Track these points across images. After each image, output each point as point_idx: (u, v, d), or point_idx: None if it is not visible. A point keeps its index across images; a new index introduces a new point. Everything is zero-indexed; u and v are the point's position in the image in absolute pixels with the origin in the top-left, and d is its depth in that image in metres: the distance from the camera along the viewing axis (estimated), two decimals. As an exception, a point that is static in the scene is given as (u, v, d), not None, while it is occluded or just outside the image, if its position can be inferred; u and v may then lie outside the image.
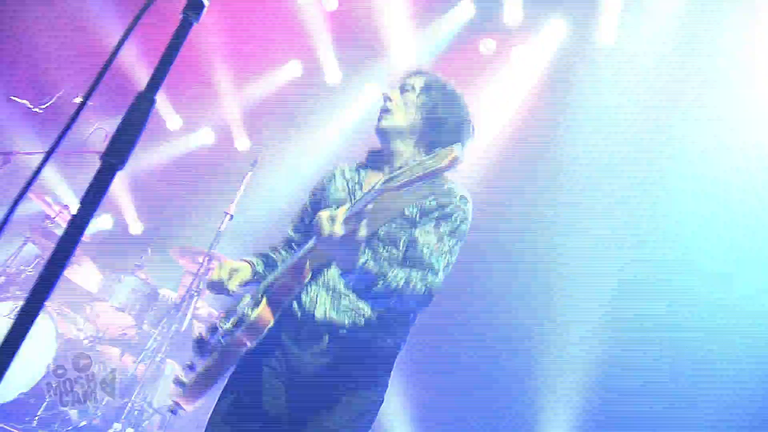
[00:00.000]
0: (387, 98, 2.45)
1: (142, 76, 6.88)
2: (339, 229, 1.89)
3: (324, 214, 1.92)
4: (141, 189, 7.86)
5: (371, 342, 2.26)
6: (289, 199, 7.13)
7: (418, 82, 2.48)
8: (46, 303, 4.46)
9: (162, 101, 7.74)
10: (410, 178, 1.81)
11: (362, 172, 2.49)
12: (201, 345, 2.35)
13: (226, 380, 2.35)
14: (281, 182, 7.14)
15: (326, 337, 2.23)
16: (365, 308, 2.24)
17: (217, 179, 7.23)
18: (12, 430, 4.33)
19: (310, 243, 2.09)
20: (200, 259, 5.19)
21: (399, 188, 1.83)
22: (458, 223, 2.26)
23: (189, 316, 5.12)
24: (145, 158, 7.72)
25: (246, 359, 2.27)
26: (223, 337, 2.25)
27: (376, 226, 2.18)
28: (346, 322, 2.23)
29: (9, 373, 3.98)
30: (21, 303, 4.38)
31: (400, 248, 2.24)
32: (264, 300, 2.19)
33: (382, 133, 2.44)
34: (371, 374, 2.29)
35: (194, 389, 2.30)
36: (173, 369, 5.65)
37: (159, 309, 5.46)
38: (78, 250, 5.42)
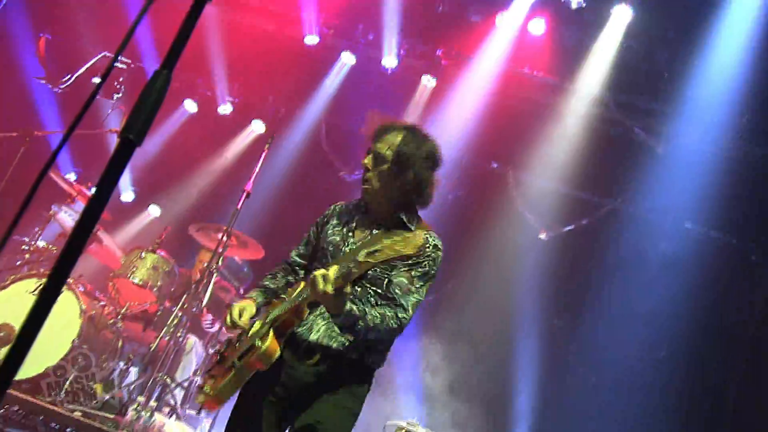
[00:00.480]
0: (366, 169, 2.85)
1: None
2: (330, 289, 2.43)
3: (318, 273, 2.46)
4: (163, 169, 7.95)
5: (356, 360, 2.79)
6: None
7: (391, 148, 2.81)
8: (70, 280, 4.56)
9: (178, 83, 7.80)
10: (385, 258, 2.42)
11: (356, 218, 2.94)
12: (222, 360, 2.87)
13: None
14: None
15: (318, 355, 2.76)
16: (350, 336, 2.76)
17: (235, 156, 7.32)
18: (39, 402, 4.45)
19: (307, 291, 2.61)
20: (219, 236, 5.26)
21: (375, 264, 2.45)
22: (427, 268, 2.76)
23: (209, 292, 5.20)
24: (160, 137, 7.81)
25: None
26: (239, 359, 2.73)
27: (364, 272, 2.59)
28: (335, 345, 2.76)
29: (36, 348, 4.06)
30: (44, 280, 4.48)
31: (382, 289, 2.75)
32: (271, 333, 2.66)
33: (365, 196, 2.92)
34: (354, 383, 2.83)
35: (215, 398, 2.77)
36: (194, 344, 5.76)
37: (179, 285, 5.56)
38: (100, 229, 5.51)
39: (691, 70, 6.17)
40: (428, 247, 2.76)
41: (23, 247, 5.28)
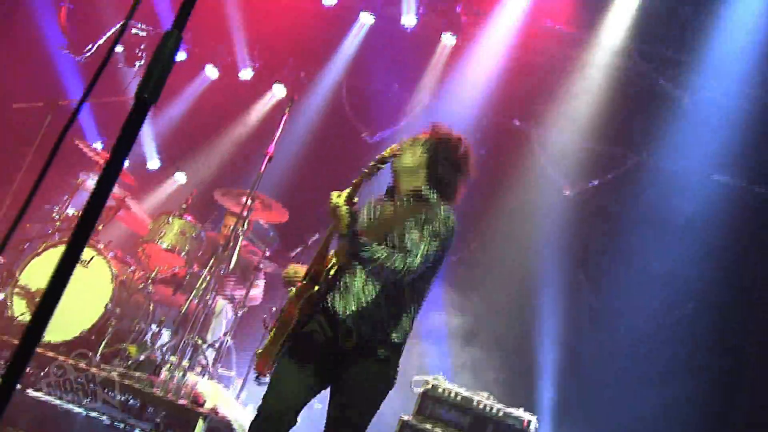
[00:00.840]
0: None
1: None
2: (341, 201, 2.77)
3: (334, 193, 2.82)
4: (187, 136, 8.03)
5: (384, 339, 3.03)
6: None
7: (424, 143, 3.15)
8: (101, 246, 4.65)
9: (199, 49, 7.83)
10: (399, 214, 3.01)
11: (384, 202, 3.22)
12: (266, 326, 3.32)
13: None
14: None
15: (355, 335, 3.00)
16: (377, 311, 3.01)
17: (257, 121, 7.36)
18: (77, 364, 4.60)
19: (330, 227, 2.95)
20: (243, 200, 5.34)
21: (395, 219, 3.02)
22: (437, 226, 2.99)
23: (235, 255, 5.30)
24: (183, 104, 7.87)
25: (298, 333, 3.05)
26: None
27: (393, 228, 3.00)
28: (364, 329, 3.01)
29: (70, 313, 4.19)
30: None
31: (403, 240, 2.99)
32: (293, 291, 3.10)
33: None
34: (384, 364, 3.06)
35: (261, 357, 3.08)
36: (224, 307, 5.88)
37: (207, 249, 5.66)
38: (128, 196, 5.61)
39: (717, 21, 6.04)
40: (440, 212, 3.02)
41: (53, 215, 5.40)
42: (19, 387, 5.40)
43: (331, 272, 3.02)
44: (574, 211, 7.08)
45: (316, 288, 3.00)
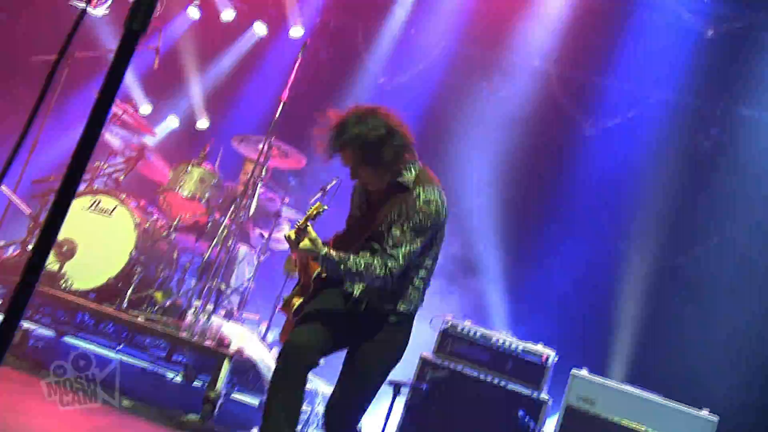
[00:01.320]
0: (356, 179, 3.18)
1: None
2: (292, 235, 2.98)
3: (289, 233, 3.01)
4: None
5: (391, 309, 3.15)
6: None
7: (352, 153, 3.02)
8: (122, 195, 4.75)
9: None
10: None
11: (366, 197, 3.28)
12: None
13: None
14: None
15: (364, 304, 3.15)
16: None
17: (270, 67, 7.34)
18: (105, 309, 4.75)
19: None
20: (260, 147, 5.38)
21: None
22: (418, 221, 3.02)
23: (254, 202, 5.37)
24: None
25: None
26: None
27: (372, 228, 3.08)
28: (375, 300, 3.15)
29: (97, 261, 4.31)
30: (98, 196, 4.67)
31: (382, 243, 3.06)
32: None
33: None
34: (393, 332, 3.20)
35: (286, 304, 3.27)
36: (246, 253, 5.99)
37: (226, 197, 5.74)
38: (146, 147, 5.69)
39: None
40: (419, 203, 3.03)
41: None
42: (54, 334, 5.61)
43: (323, 275, 3.17)
44: (598, 149, 6.99)
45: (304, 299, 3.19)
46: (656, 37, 6.70)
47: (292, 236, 2.99)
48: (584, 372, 4.73)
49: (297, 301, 3.21)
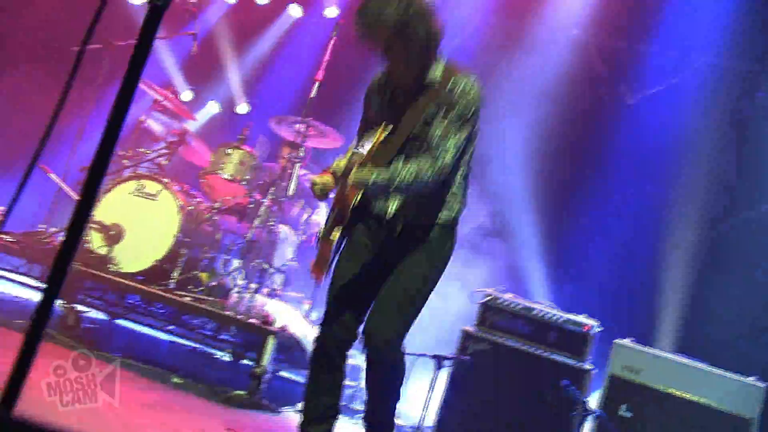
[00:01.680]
0: (383, 61, 2.89)
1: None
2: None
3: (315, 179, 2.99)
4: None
5: (428, 223, 2.98)
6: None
7: (384, 29, 2.74)
8: (165, 180, 4.87)
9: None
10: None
11: (388, 95, 3.01)
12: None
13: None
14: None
15: (400, 226, 2.98)
16: (421, 198, 2.92)
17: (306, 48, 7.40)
18: (153, 291, 4.90)
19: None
20: (297, 127, 5.45)
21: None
22: (460, 110, 2.80)
23: (294, 182, 5.44)
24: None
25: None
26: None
27: (408, 132, 2.84)
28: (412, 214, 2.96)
29: (144, 244, 4.44)
30: (143, 181, 4.78)
31: (427, 141, 2.84)
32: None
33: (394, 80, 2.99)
34: (432, 246, 3.00)
35: (315, 264, 3.06)
36: (286, 233, 6.08)
37: (266, 178, 5.84)
38: (187, 131, 5.80)
39: None
40: (458, 91, 2.82)
41: (120, 152, 5.65)
42: (107, 317, 5.80)
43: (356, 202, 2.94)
44: (640, 119, 6.87)
45: (342, 229, 2.97)
46: (698, -1, 6.53)
47: (323, 182, 2.94)
48: (627, 341, 4.69)
49: (336, 234, 2.98)
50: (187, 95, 8.04)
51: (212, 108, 8.29)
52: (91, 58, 5.74)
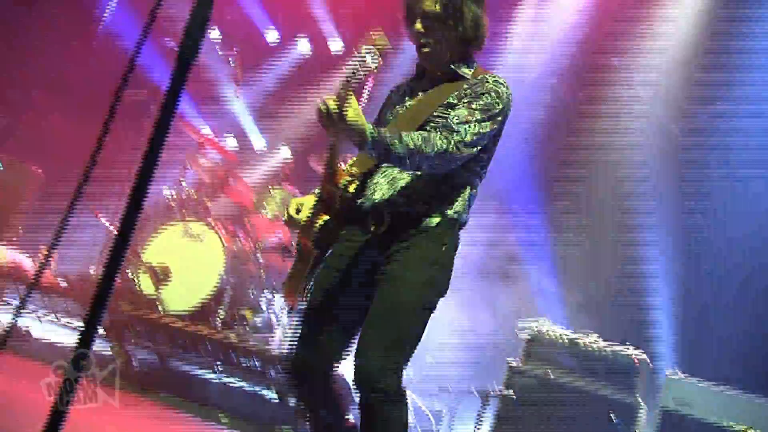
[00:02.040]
0: (419, 34, 2.61)
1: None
2: (348, 105, 2.20)
3: (328, 99, 2.23)
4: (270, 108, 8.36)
5: (425, 213, 2.53)
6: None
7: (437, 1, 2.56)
8: (212, 221, 4.97)
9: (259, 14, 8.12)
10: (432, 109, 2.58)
11: (412, 85, 2.77)
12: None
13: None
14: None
15: (387, 218, 2.53)
16: (418, 185, 2.53)
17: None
18: (199, 332, 4.97)
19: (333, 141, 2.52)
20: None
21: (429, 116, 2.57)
22: (489, 101, 2.51)
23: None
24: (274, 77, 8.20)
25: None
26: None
27: (429, 112, 2.54)
28: (401, 200, 2.54)
29: (190, 285, 4.51)
30: (188, 223, 4.88)
31: (447, 122, 2.50)
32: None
33: (427, 61, 2.72)
34: (430, 245, 2.52)
35: (287, 288, 2.68)
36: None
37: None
38: (231, 173, 5.93)
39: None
40: (488, 84, 2.55)
41: (166, 195, 5.82)
42: (156, 357, 5.90)
43: (351, 189, 2.56)
44: (683, 146, 6.76)
45: (329, 216, 2.54)
46: None
47: (332, 105, 2.19)
48: (679, 373, 4.56)
49: (322, 219, 2.53)
50: (260, 143, 8.25)
51: (284, 153, 8.41)
52: (136, 106, 5.95)
